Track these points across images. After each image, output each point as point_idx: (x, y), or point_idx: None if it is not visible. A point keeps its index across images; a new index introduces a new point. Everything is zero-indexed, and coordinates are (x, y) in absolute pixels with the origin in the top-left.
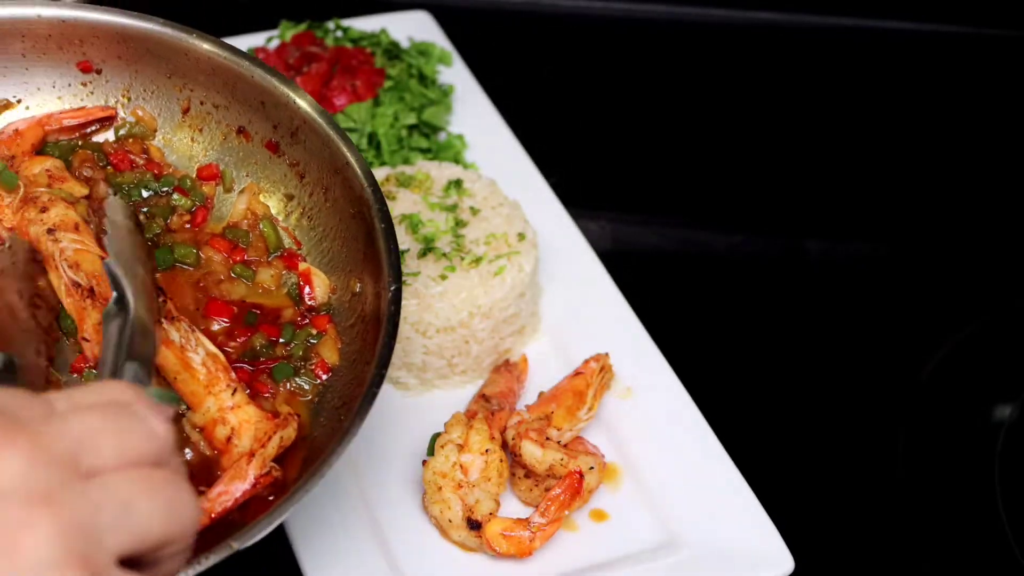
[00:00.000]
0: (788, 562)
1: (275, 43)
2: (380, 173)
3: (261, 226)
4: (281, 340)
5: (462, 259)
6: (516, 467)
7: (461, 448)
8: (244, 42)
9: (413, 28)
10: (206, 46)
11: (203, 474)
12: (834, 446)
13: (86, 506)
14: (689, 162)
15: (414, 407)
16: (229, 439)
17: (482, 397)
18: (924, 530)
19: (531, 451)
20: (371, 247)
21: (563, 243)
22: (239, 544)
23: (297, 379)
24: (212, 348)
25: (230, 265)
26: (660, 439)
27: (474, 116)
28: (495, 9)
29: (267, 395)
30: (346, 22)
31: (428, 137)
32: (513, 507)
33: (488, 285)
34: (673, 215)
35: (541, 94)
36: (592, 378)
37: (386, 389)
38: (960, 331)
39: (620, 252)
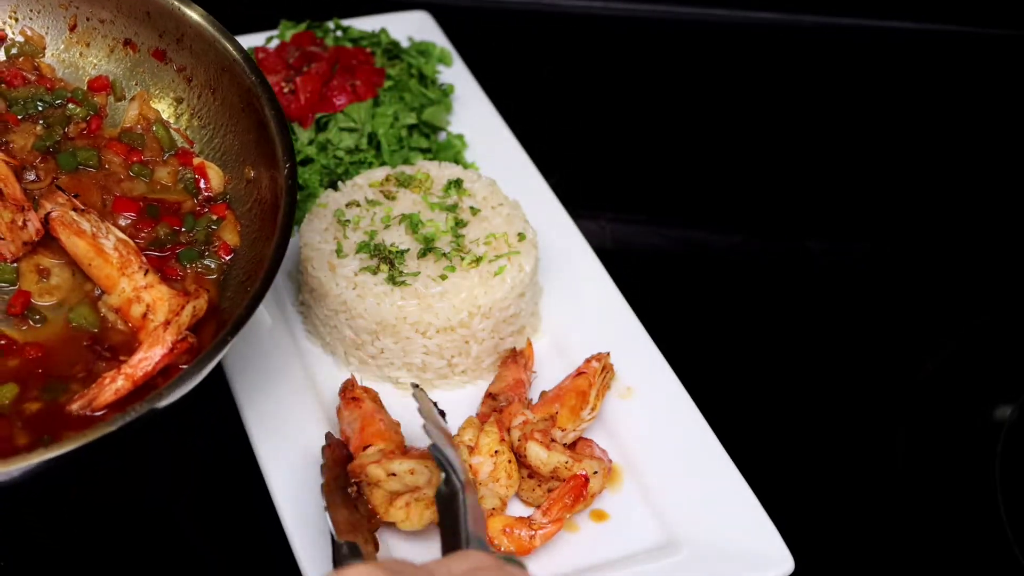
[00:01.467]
0: (788, 562)
1: (275, 43)
2: (380, 173)
3: (154, 129)
4: (184, 229)
5: (462, 259)
6: (520, 468)
7: (471, 450)
8: (244, 42)
9: (413, 28)
10: None
11: (124, 351)
12: (834, 446)
13: None
14: (689, 162)
15: (414, 407)
16: (145, 315)
17: (489, 396)
18: (924, 530)
19: (536, 453)
20: (263, 135)
21: (563, 243)
22: (162, 401)
23: (204, 261)
24: (121, 235)
25: (128, 166)
26: (660, 439)
27: (474, 116)
28: (495, 9)
29: (176, 278)
30: (346, 22)
31: (428, 137)
32: (515, 507)
33: (488, 285)
34: (673, 215)
35: (541, 94)
36: (594, 378)
37: (386, 389)
38: (960, 331)
39: (620, 252)
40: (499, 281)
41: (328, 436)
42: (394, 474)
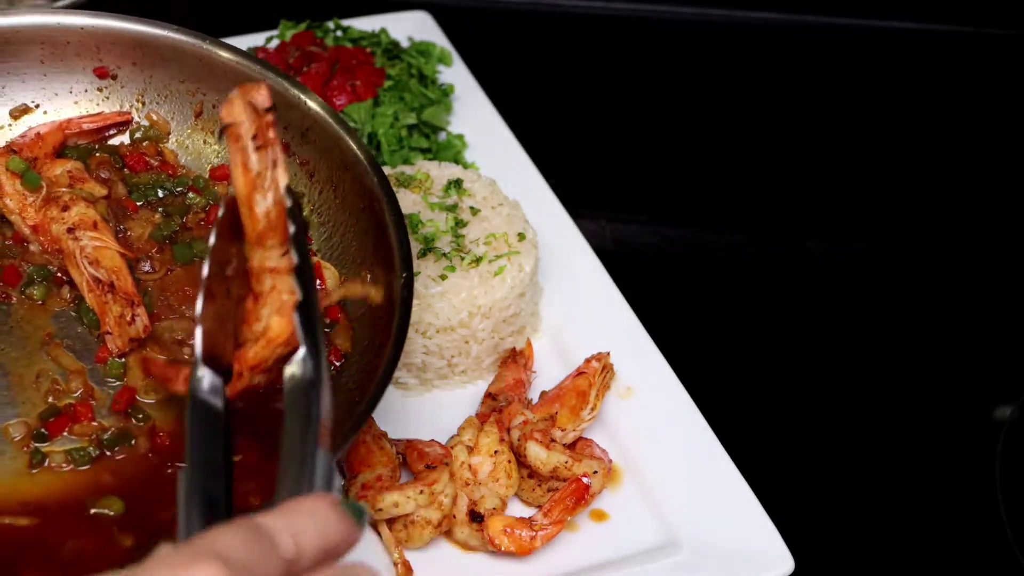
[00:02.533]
0: (788, 562)
1: (275, 43)
2: None
3: None
4: None
5: (462, 259)
6: (520, 468)
7: (471, 450)
8: (244, 42)
9: (413, 28)
10: (219, 52)
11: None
12: (834, 446)
13: None
14: (689, 162)
15: (414, 407)
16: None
17: (489, 396)
18: (924, 530)
19: (536, 453)
20: (381, 239)
21: (563, 243)
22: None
23: None
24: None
25: None
26: (660, 439)
27: (474, 116)
28: (495, 9)
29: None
30: (346, 22)
31: (428, 137)
32: (515, 507)
33: (488, 285)
34: (673, 215)
35: (541, 94)
36: (594, 378)
37: (386, 389)
38: (960, 331)
39: (620, 252)
40: (499, 281)
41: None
42: (380, 509)
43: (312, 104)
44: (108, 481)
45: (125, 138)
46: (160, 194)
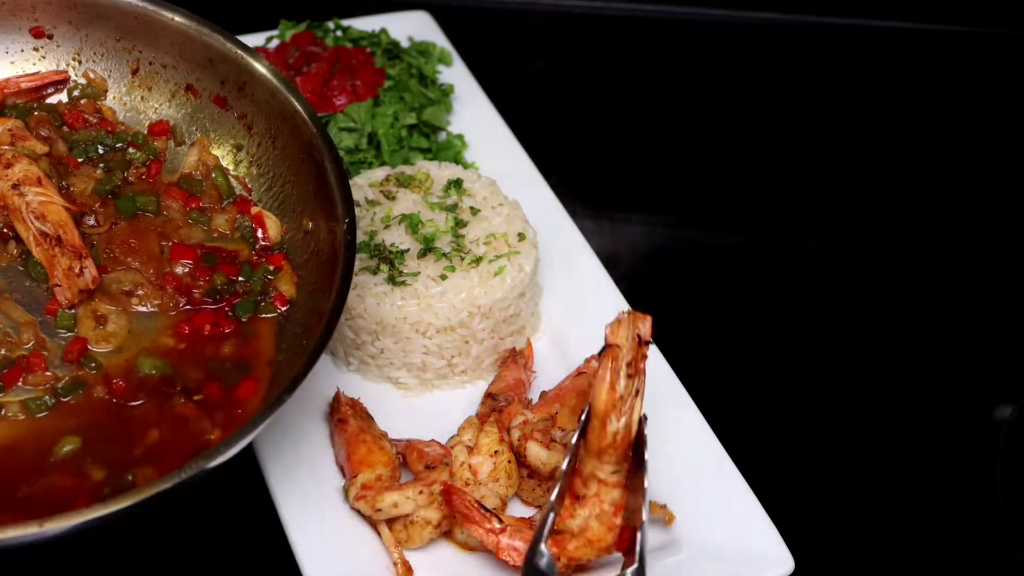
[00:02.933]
0: (788, 562)
1: (275, 43)
2: (380, 173)
3: (213, 175)
4: (240, 278)
5: (462, 259)
6: (520, 468)
7: (471, 451)
8: (244, 42)
9: (413, 28)
10: (155, 8)
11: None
12: (834, 446)
13: None
14: (689, 162)
15: (414, 407)
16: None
17: (489, 396)
18: (924, 530)
19: (536, 452)
20: (322, 187)
21: (563, 243)
22: (216, 459)
23: (258, 314)
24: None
25: (187, 212)
26: (660, 439)
27: (474, 116)
28: (495, 9)
29: (230, 329)
30: (346, 22)
31: (428, 137)
32: (516, 507)
33: (488, 285)
34: (673, 215)
35: (541, 94)
36: (594, 377)
37: (386, 389)
38: (960, 331)
39: (620, 252)
40: (499, 281)
41: None
42: (380, 509)
43: (249, 59)
44: (67, 426)
45: (63, 96)
46: (100, 150)
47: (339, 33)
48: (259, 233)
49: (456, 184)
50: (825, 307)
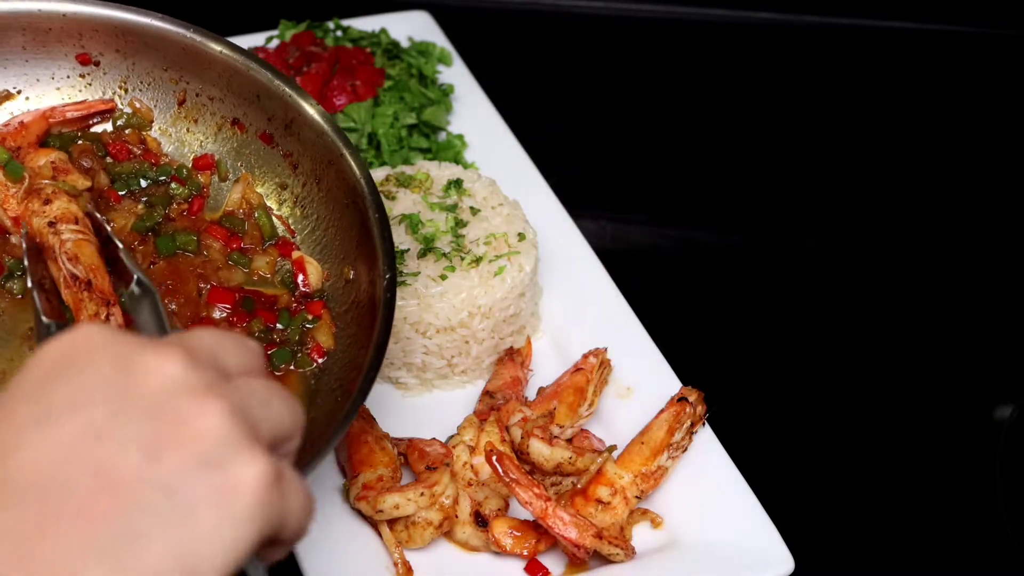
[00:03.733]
0: (788, 562)
1: (275, 43)
2: (380, 173)
3: (256, 215)
4: (278, 326)
5: (462, 259)
6: (521, 464)
7: (472, 450)
8: (244, 42)
9: (413, 28)
10: (202, 40)
11: None
12: (834, 446)
13: (240, 398)
14: (689, 162)
15: (414, 407)
16: None
17: (486, 394)
18: (924, 530)
19: (539, 449)
20: (365, 236)
21: (563, 243)
22: None
23: (294, 365)
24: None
25: (227, 253)
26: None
27: (474, 116)
28: (495, 9)
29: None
30: (346, 22)
31: (428, 137)
32: (517, 507)
33: (488, 285)
34: (673, 215)
35: (541, 94)
36: (592, 373)
37: (386, 389)
38: (960, 331)
39: (620, 252)
40: (499, 281)
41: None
42: (381, 510)
43: (297, 96)
44: None
45: (108, 126)
46: (143, 183)
47: (339, 33)
48: (299, 279)
49: (456, 184)
50: (825, 307)
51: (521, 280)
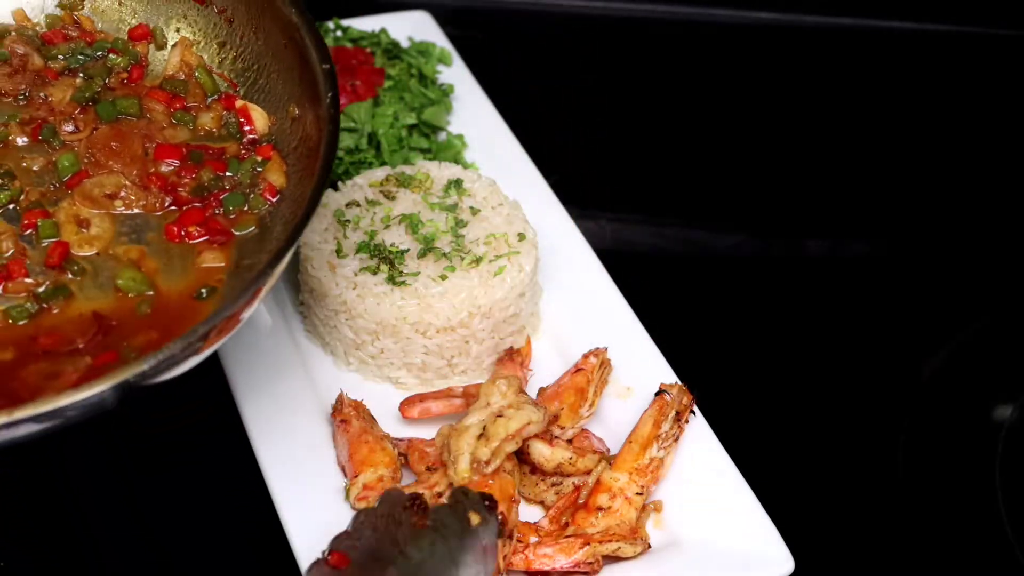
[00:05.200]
0: (788, 562)
1: None
2: (380, 173)
3: (196, 75)
4: (228, 173)
5: (462, 259)
6: (521, 464)
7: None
8: None
9: (413, 28)
10: None
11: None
12: (834, 446)
13: None
14: (689, 162)
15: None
16: None
17: None
18: (924, 530)
19: (540, 450)
20: (305, 69)
21: (563, 243)
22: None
23: (247, 207)
24: None
25: (171, 113)
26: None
27: (474, 116)
28: (495, 9)
29: (219, 228)
30: (346, 22)
31: (428, 137)
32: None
33: (488, 285)
34: (673, 215)
35: (541, 94)
36: (592, 374)
37: (386, 389)
38: (960, 331)
39: (620, 252)
40: (499, 281)
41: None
42: None
43: None
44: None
45: (41, 17)
46: (81, 60)
47: (339, 33)
48: (246, 127)
49: (456, 184)
50: (825, 307)
51: (521, 280)
